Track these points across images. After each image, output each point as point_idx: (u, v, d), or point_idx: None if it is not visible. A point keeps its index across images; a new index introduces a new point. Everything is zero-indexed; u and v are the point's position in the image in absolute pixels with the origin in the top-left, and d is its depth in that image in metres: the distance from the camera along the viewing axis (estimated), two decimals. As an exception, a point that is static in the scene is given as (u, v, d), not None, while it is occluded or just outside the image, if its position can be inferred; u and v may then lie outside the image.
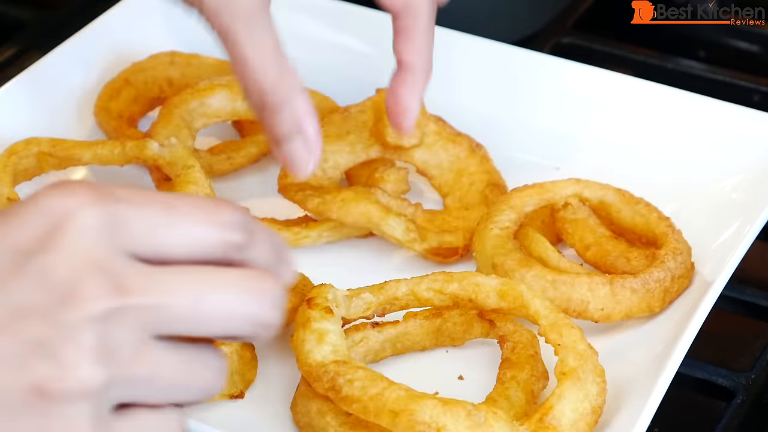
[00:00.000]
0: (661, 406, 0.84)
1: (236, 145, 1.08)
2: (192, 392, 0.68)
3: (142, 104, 1.12)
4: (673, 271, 0.94)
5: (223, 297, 0.67)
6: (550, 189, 1.00)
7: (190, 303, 0.66)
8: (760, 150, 1.05)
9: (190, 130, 1.03)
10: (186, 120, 1.03)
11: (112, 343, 0.64)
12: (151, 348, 0.66)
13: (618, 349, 0.93)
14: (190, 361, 0.67)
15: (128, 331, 0.64)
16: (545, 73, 1.12)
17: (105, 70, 1.13)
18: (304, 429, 0.86)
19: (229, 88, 1.05)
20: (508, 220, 0.98)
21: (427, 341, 0.93)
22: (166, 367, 0.66)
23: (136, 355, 0.65)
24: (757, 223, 0.98)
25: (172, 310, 0.65)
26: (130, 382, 0.65)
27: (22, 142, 1.00)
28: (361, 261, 1.02)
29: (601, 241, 0.98)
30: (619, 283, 0.93)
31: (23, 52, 1.24)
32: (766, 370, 0.96)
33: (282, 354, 0.92)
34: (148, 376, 0.66)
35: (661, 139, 1.08)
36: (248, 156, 1.07)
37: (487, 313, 0.91)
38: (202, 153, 1.06)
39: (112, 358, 0.64)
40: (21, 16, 1.32)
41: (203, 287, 0.66)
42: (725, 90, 1.22)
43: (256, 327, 0.68)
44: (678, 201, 1.04)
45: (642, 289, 0.93)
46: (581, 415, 0.83)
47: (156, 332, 0.66)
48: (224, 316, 0.67)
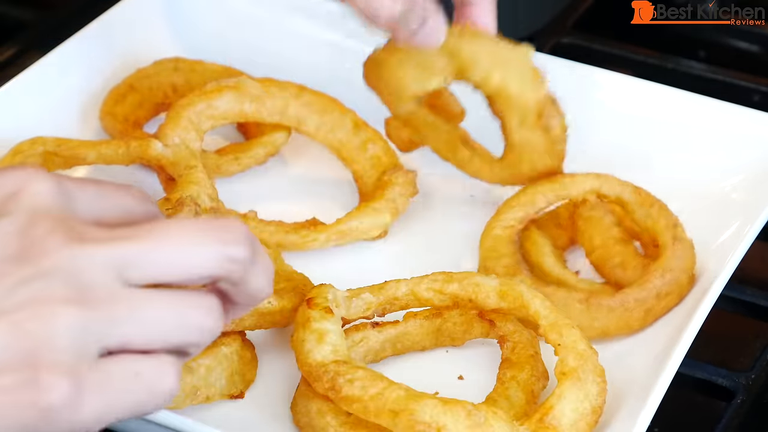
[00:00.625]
0: (661, 406, 0.84)
1: (244, 146, 1.08)
2: (184, 332, 0.67)
3: (147, 109, 1.12)
4: (659, 289, 0.93)
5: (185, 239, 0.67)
6: (568, 184, 1.00)
7: (154, 246, 0.66)
8: (760, 150, 1.05)
9: (198, 132, 1.03)
10: (193, 122, 1.03)
11: (82, 285, 0.64)
12: (129, 291, 0.66)
13: (618, 349, 0.93)
14: (175, 300, 0.67)
15: (98, 275, 0.65)
16: (545, 73, 1.12)
17: (105, 69, 1.13)
18: (304, 429, 0.86)
19: (236, 90, 1.05)
20: (513, 219, 0.98)
21: (427, 341, 0.93)
22: (149, 307, 0.66)
23: (112, 295, 0.65)
24: (757, 223, 0.99)
25: (140, 255, 0.66)
26: (112, 321, 0.65)
27: (27, 141, 1.00)
28: (361, 261, 1.02)
29: (608, 244, 0.97)
30: (595, 301, 0.92)
31: (23, 52, 1.24)
32: (766, 370, 0.96)
33: (282, 354, 0.92)
34: (130, 316, 0.65)
35: (661, 139, 1.08)
36: (256, 157, 1.07)
37: (487, 313, 0.91)
38: (210, 154, 1.06)
39: (85, 299, 0.64)
40: (21, 16, 1.32)
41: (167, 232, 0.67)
42: (725, 90, 1.22)
43: (225, 263, 0.68)
44: (678, 201, 1.04)
45: (620, 308, 0.92)
46: (581, 415, 0.83)
47: (127, 278, 0.66)
48: (190, 258, 0.67)
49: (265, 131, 1.09)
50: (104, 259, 0.65)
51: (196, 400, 0.87)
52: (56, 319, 0.64)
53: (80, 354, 0.64)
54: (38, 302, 0.64)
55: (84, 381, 0.64)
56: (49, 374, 0.63)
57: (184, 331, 0.67)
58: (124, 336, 0.65)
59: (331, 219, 1.02)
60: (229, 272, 0.69)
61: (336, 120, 1.07)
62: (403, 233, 1.04)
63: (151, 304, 0.66)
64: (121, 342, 0.66)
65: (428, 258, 1.01)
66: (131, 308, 0.65)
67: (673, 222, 0.97)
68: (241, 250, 0.69)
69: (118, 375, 0.65)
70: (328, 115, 1.07)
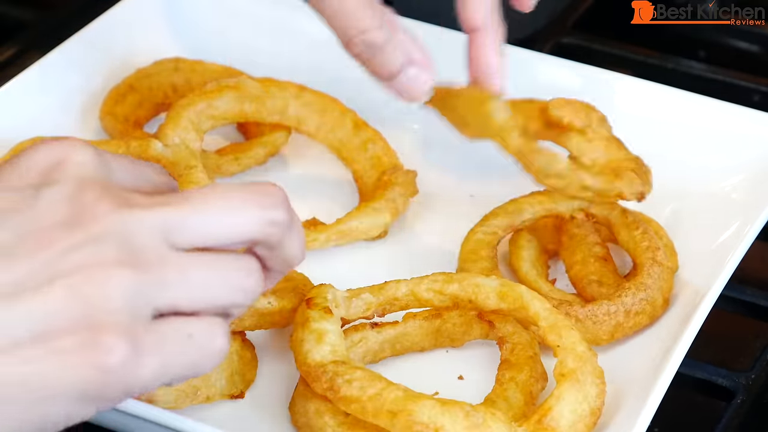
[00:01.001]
0: (661, 406, 0.84)
1: (244, 146, 1.08)
2: (230, 294, 0.69)
3: (147, 109, 1.12)
4: (629, 306, 0.92)
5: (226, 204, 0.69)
6: (558, 199, 0.99)
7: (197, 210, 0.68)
8: (760, 150, 1.05)
9: (198, 132, 1.04)
10: (194, 122, 1.03)
11: (134, 248, 0.66)
12: (177, 254, 0.67)
13: (618, 349, 0.93)
14: (220, 263, 0.69)
15: (148, 239, 0.66)
16: (545, 73, 1.12)
17: (105, 70, 1.13)
18: (302, 429, 0.86)
19: (236, 90, 1.05)
20: (497, 226, 0.99)
21: (426, 342, 0.93)
22: (196, 269, 0.67)
23: (162, 259, 0.66)
24: (757, 223, 0.98)
25: (185, 219, 0.68)
26: (162, 284, 0.66)
27: (27, 141, 1.01)
28: (361, 261, 1.02)
29: (588, 261, 0.97)
30: (563, 309, 0.92)
31: (23, 52, 1.24)
32: (766, 370, 0.96)
33: (281, 354, 0.92)
34: (180, 278, 0.67)
35: (661, 139, 1.08)
36: (256, 157, 1.07)
37: (486, 314, 0.91)
38: (210, 154, 1.06)
39: (137, 262, 0.65)
40: (21, 16, 1.32)
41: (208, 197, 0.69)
42: (725, 90, 1.22)
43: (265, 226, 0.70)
44: (678, 201, 1.04)
45: (588, 320, 0.92)
46: (580, 417, 0.83)
47: (173, 242, 0.67)
48: (233, 222, 0.69)
49: (265, 131, 1.09)
50: (152, 223, 0.67)
51: (196, 400, 0.87)
52: (111, 281, 0.65)
53: (135, 316, 0.65)
54: (92, 266, 0.65)
55: (141, 342, 0.65)
56: (108, 335, 0.64)
57: (229, 292, 0.69)
58: (174, 298, 0.67)
59: (331, 219, 1.02)
60: (268, 236, 0.70)
61: (336, 120, 1.07)
62: (403, 233, 1.04)
63: (198, 267, 0.68)
64: (171, 304, 0.67)
65: (428, 258, 1.01)
66: (180, 271, 0.67)
67: (655, 246, 0.96)
68: (281, 213, 0.71)
69: (172, 336, 0.67)
70: (328, 114, 1.07)
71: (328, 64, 1.15)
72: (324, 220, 1.02)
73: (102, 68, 1.14)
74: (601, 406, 0.85)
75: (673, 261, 0.98)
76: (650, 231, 0.97)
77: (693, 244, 0.99)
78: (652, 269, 0.94)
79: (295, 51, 1.17)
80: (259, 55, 1.17)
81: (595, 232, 0.99)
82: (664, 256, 0.95)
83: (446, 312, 0.92)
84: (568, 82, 1.11)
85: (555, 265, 1.01)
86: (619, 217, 0.98)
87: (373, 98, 1.06)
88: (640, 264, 0.95)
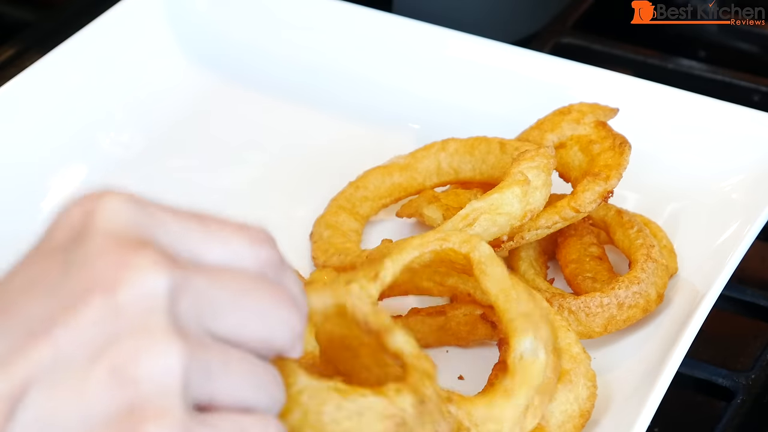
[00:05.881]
0: (661, 406, 0.84)
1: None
2: (263, 393, 0.63)
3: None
4: (622, 299, 0.92)
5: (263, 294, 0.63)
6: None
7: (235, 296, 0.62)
8: (760, 150, 1.05)
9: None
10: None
11: (181, 319, 0.59)
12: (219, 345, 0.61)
13: (618, 348, 0.93)
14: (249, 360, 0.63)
15: (191, 309, 0.60)
16: (545, 73, 1.12)
17: (105, 70, 1.13)
18: None
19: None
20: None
21: (430, 338, 0.92)
22: (234, 359, 0.61)
23: (203, 337, 0.60)
24: (757, 223, 0.98)
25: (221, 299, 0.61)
26: (207, 368, 0.60)
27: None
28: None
29: (583, 260, 0.97)
30: (557, 302, 0.92)
31: (23, 52, 1.24)
32: (766, 370, 0.96)
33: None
34: (223, 364, 0.61)
35: (660, 139, 1.08)
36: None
37: (490, 314, 0.91)
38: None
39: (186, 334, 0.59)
40: (21, 16, 1.32)
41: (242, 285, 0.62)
42: (725, 90, 1.22)
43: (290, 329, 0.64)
44: (678, 201, 1.04)
45: (581, 311, 0.92)
46: (569, 417, 0.83)
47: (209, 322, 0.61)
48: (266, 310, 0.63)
49: None
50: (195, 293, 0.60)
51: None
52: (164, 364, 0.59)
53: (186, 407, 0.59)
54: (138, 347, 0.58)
55: None
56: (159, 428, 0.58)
57: (263, 393, 0.62)
58: (216, 392, 0.61)
59: None
60: None
61: (484, 151, 1.02)
62: (403, 233, 1.04)
63: (236, 357, 0.62)
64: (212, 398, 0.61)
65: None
66: (224, 357, 0.61)
67: (650, 243, 0.96)
68: None
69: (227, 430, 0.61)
70: (476, 150, 1.02)
71: (328, 64, 1.15)
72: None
73: (102, 68, 1.14)
74: (590, 409, 0.85)
75: (672, 262, 0.98)
76: (645, 230, 0.97)
77: (693, 245, 0.99)
78: (646, 264, 0.94)
79: (295, 51, 1.17)
80: (258, 55, 1.17)
81: (591, 233, 0.99)
82: (658, 253, 0.95)
83: (450, 310, 0.92)
84: (568, 82, 1.11)
85: (554, 266, 1.01)
86: (615, 218, 0.98)
87: (373, 98, 1.06)
88: (634, 261, 0.95)
